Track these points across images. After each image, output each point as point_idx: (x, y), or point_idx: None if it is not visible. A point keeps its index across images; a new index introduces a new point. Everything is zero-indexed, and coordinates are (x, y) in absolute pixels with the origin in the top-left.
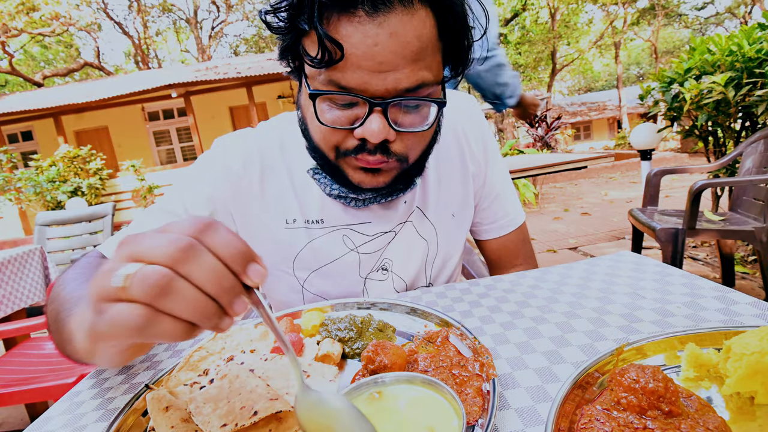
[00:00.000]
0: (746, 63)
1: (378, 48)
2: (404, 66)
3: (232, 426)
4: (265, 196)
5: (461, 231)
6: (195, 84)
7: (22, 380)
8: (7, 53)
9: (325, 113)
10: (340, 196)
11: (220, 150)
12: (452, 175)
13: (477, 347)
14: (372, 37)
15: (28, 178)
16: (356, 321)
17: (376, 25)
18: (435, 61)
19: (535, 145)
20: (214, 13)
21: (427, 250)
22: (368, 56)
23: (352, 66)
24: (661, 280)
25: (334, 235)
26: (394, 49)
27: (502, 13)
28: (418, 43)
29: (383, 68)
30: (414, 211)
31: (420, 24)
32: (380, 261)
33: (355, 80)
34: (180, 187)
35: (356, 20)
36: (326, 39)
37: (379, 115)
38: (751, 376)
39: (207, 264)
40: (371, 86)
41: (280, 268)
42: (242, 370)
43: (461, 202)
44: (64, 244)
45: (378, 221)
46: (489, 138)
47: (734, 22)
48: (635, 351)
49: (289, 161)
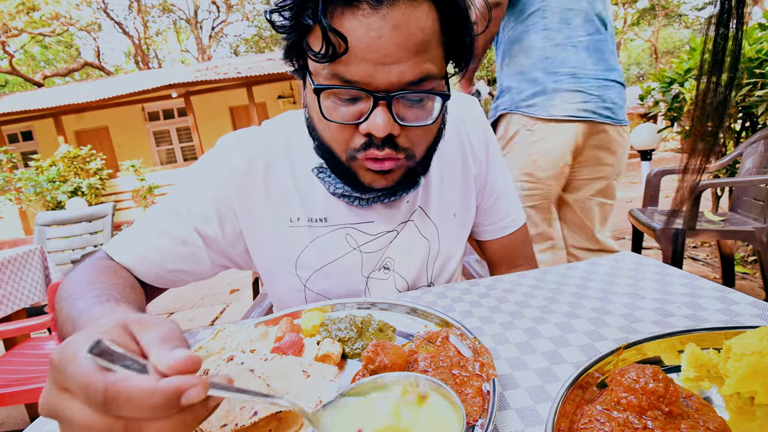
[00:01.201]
0: (746, 63)
1: (382, 40)
2: (408, 58)
3: (232, 426)
4: (269, 195)
5: (463, 231)
6: (195, 84)
7: (22, 380)
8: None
9: (330, 110)
10: (344, 195)
11: (225, 149)
12: (454, 176)
13: (477, 347)
14: (376, 30)
15: (28, 178)
16: (356, 321)
17: (380, 18)
18: (438, 54)
19: None
20: (214, 13)
21: (428, 250)
22: (372, 49)
23: (356, 59)
24: (661, 280)
25: (337, 233)
26: (398, 42)
27: None
28: (421, 36)
29: (387, 60)
30: (416, 211)
31: (423, 16)
32: (382, 260)
33: (360, 73)
34: (185, 187)
35: (360, 13)
36: (330, 32)
37: (384, 109)
38: (751, 376)
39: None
40: (375, 79)
41: (283, 267)
42: (242, 370)
43: (463, 203)
44: (64, 244)
45: (381, 220)
46: (491, 138)
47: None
48: (635, 351)
49: (293, 159)
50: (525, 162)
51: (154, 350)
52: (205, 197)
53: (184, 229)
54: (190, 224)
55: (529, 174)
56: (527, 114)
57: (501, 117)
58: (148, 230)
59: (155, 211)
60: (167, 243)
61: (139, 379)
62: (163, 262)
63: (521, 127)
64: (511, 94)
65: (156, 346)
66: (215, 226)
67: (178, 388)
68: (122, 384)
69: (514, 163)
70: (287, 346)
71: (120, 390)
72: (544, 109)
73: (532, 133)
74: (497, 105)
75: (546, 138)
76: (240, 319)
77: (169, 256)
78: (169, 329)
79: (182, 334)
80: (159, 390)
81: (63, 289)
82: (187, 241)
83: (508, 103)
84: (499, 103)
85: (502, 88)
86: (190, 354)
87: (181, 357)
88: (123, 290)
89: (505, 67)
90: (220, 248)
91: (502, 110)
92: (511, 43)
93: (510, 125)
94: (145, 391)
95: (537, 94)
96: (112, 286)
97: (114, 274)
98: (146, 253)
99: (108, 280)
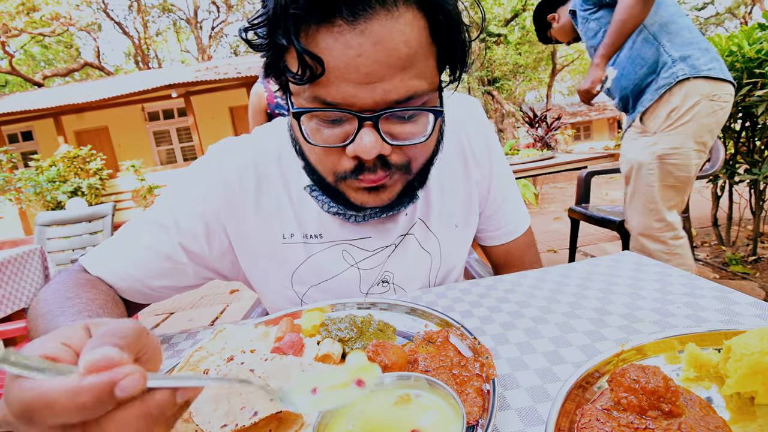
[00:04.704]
0: (746, 63)
1: (362, 59)
2: (392, 75)
3: (232, 426)
4: (260, 209)
5: (465, 241)
6: (195, 84)
7: None
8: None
9: (314, 133)
10: (338, 213)
11: (214, 160)
12: (455, 185)
13: (477, 347)
14: (354, 48)
15: (28, 178)
16: (356, 321)
17: (358, 34)
18: (428, 66)
19: (535, 145)
20: (214, 13)
21: (430, 264)
22: (352, 68)
23: (336, 79)
24: (661, 280)
25: (333, 250)
26: (380, 58)
27: (502, 13)
28: (406, 49)
29: (370, 79)
30: (416, 223)
31: (407, 28)
32: (381, 275)
33: (341, 95)
34: (171, 197)
35: (336, 30)
36: (304, 54)
37: (371, 130)
38: (751, 376)
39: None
40: (359, 99)
41: (278, 282)
42: (242, 370)
43: (465, 212)
44: (64, 244)
45: (378, 235)
46: (493, 142)
47: (734, 23)
48: (635, 351)
49: (286, 174)
50: (702, 131)
51: (85, 350)
52: (193, 211)
53: (169, 244)
54: (175, 239)
55: (702, 144)
56: (710, 76)
57: (675, 85)
58: (129, 243)
59: (138, 222)
60: (150, 257)
61: (59, 380)
62: (145, 277)
63: (702, 98)
64: (689, 61)
65: (88, 346)
66: (202, 242)
67: (108, 382)
68: (39, 389)
69: (690, 134)
70: (287, 346)
71: (38, 396)
72: (722, 72)
73: (712, 103)
74: (672, 72)
75: (727, 102)
76: (240, 319)
77: (152, 272)
78: (113, 328)
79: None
80: (84, 388)
81: (39, 305)
82: (171, 256)
83: (687, 69)
84: (675, 70)
85: (674, 59)
86: (112, 350)
87: (100, 353)
88: (104, 305)
89: (668, 43)
90: (206, 263)
91: (682, 76)
92: (665, 24)
93: (689, 94)
94: (69, 391)
95: (713, 60)
96: (91, 301)
97: (93, 288)
98: (127, 269)
99: (87, 294)
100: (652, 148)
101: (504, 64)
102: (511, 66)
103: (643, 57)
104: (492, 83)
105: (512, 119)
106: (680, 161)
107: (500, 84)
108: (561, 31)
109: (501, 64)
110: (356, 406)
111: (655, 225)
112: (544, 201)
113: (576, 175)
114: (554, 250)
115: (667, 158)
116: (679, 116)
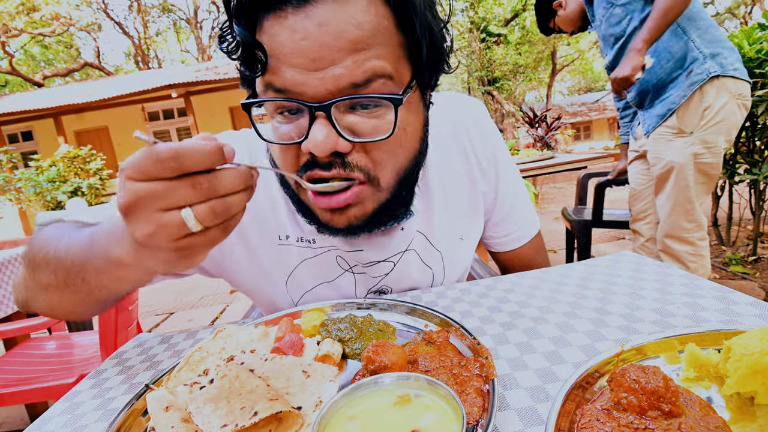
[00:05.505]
0: (746, 63)
1: (307, 42)
2: (343, 58)
3: (233, 426)
4: (257, 207)
5: (469, 252)
6: (195, 84)
7: (22, 380)
8: (7, 53)
9: (273, 132)
10: None
11: None
12: (460, 196)
13: (477, 347)
14: (299, 31)
15: (28, 178)
16: (356, 321)
17: (303, 17)
18: (391, 53)
19: (535, 145)
20: (214, 13)
21: (432, 279)
22: (297, 52)
23: (283, 65)
24: (661, 280)
25: (328, 255)
26: (327, 41)
27: (502, 13)
28: (357, 31)
29: (319, 65)
30: (417, 238)
31: (359, 11)
32: (378, 286)
33: (289, 81)
34: None
35: (282, 16)
36: (245, 40)
37: (324, 121)
38: (751, 376)
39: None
40: (308, 87)
41: (275, 285)
42: (242, 370)
43: (470, 223)
44: None
45: (371, 248)
46: (499, 147)
47: (734, 23)
48: (635, 351)
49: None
50: (732, 129)
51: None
52: None
53: None
54: None
55: (729, 141)
56: (736, 76)
57: (707, 83)
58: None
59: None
60: None
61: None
62: None
63: (730, 97)
64: (718, 59)
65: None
66: None
67: (219, 144)
68: (185, 143)
69: (723, 132)
70: (287, 346)
71: (184, 145)
72: (745, 74)
73: (738, 102)
74: (705, 69)
75: (749, 101)
76: (240, 319)
77: None
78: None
79: None
80: (209, 143)
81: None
82: None
83: (717, 67)
84: (707, 66)
85: (704, 55)
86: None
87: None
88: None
89: (698, 38)
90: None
91: (713, 73)
92: (694, 19)
93: (720, 93)
94: (201, 143)
95: (738, 60)
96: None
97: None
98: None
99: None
100: (691, 148)
101: (504, 64)
102: (511, 66)
103: (671, 51)
104: (492, 83)
105: (512, 119)
106: (714, 159)
107: (500, 84)
108: (566, 19)
109: (501, 64)
110: (356, 406)
111: (686, 225)
112: (544, 201)
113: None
114: (554, 250)
115: (702, 157)
116: (712, 115)
